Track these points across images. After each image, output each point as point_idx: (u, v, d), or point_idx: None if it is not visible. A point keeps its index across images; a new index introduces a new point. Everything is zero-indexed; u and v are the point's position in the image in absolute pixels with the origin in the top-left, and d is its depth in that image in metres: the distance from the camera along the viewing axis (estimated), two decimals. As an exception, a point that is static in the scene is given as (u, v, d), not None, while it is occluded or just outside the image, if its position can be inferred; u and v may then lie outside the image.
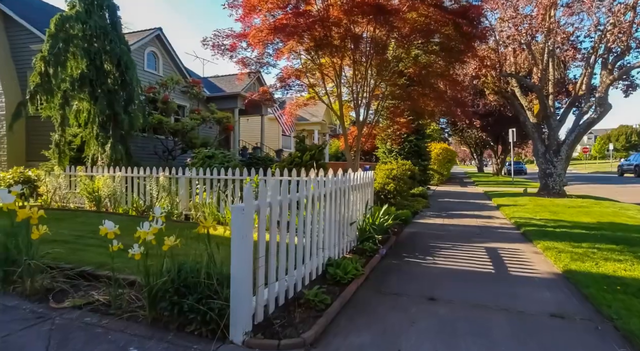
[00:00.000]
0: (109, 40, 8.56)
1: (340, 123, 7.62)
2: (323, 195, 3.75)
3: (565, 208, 9.29)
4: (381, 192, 8.78)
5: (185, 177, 7.11)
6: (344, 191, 4.45)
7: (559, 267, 4.12)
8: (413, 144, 13.86)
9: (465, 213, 8.81)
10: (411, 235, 6.14)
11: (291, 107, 8.30)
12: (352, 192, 4.77)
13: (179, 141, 12.49)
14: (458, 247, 5.23)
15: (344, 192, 4.46)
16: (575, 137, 11.65)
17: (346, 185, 4.50)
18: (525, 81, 13.01)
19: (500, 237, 6.06)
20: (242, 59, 7.26)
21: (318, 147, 6.94)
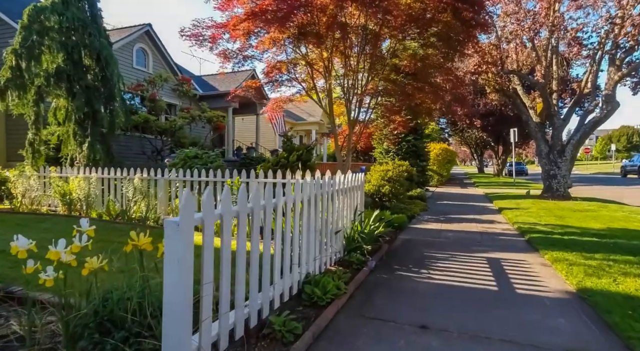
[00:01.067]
0: (88, 34, 8.07)
1: (330, 121, 7.11)
2: (300, 201, 3.25)
3: (571, 212, 8.78)
4: (376, 194, 8.28)
5: (164, 178, 6.61)
6: (328, 196, 3.95)
7: (572, 284, 3.61)
8: (411, 144, 13.34)
9: (465, 217, 8.30)
10: (406, 243, 5.63)
11: (275, 103, 7.73)
12: (338, 197, 4.27)
13: (168, 141, 12.00)
14: (457, 258, 4.72)
15: (328, 197, 3.95)
16: (580, 136, 11.13)
17: (330, 189, 3.99)
18: (528, 78, 12.49)
19: (503, 245, 5.54)
20: (224, 51, 6.74)
21: (306, 147, 6.43)
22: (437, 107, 7.72)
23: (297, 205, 3.17)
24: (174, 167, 7.15)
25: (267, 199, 2.71)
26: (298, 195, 3.18)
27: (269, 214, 2.71)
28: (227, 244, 2.21)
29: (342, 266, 4.21)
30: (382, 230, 4.88)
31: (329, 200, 3.98)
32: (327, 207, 3.94)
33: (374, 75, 6.81)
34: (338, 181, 4.32)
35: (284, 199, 2.95)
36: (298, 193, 3.18)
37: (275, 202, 2.85)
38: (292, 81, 7.18)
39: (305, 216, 3.34)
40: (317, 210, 3.63)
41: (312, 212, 3.49)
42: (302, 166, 6.45)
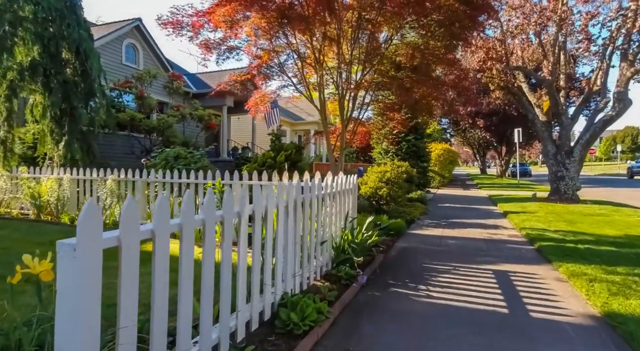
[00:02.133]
0: (66, 25, 7.58)
1: (321, 118, 6.60)
2: (275, 209, 2.74)
3: (581, 216, 8.22)
4: (373, 197, 7.77)
5: (143, 180, 6.11)
6: (314, 201, 3.43)
7: (596, 306, 3.08)
8: (411, 144, 12.80)
9: (468, 222, 7.76)
10: (403, 252, 5.10)
11: (259, 97, 7.14)
12: (325, 203, 3.75)
13: (158, 140, 11.50)
14: (460, 270, 4.19)
15: (314, 203, 3.44)
16: (590, 136, 10.57)
17: (315, 193, 3.47)
18: (534, 75, 11.93)
19: (511, 254, 5.01)
20: (206, 41, 6.21)
21: (295, 147, 5.93)
22: (439, 103, 7.15)
23: (270, 214, 2.65)
24: (155, 167, 6.66)
25: (226, 209, 2.18)
26: (271, 202, 2.66)
27: (228, 227, 2.19)
28: (164, 267, 1.69)
29: (329, 281, 3.69)
30: (375, 239, 4.35)
31: (314, 207, 3.46)
32: (312, 215, 3.43)
33: (370, 68, 6.25)
34: (325, 184, 3.80)
35: (250, 208, 2.43)
36: (271, 200, 2.66)
37: (239, 210, 2.33)
38: (281, 75, 6.64)
39: (282, 226, 2.82)
40: (298, 218, 3.11)
41: (290, 221, 2.97)
42: (292, 167, 5.95)
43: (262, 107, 7.36)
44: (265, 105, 7.32)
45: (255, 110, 7.42)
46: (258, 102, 7.05)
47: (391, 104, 7.70)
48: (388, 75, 6.15)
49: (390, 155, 12.95)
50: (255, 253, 2.49)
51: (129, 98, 11.62)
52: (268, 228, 2.64)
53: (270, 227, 2.67)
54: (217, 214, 2.11)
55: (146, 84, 11.16)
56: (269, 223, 2.64)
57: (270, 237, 2.65)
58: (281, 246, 2.82)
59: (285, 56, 6.62)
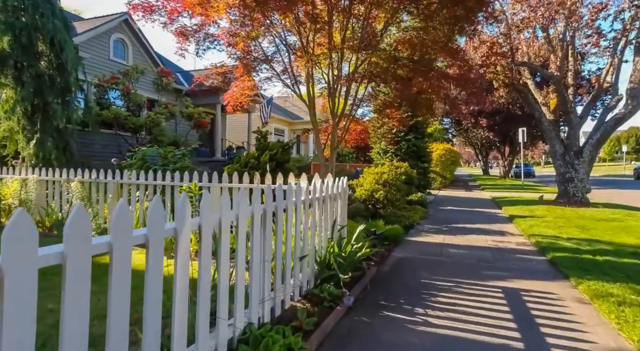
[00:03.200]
0: (40, 14, 7.06)
1: (310, 114, 6.04)
2: (234, 221, 2.20)
3: (594, 221, 7.65)
4: (369, 201, 7.21)
5: (115, 181, 5.58)
6: (289, 210, 2.89)
7: (632, 340, 2.52)
8: (411, 144, 12.23)
9: (471, 227, 7.21)
10: (399, 264, 4.54)
11: (238, 91, 6.48)
12: (305, 211, 3.20)
13: (146, 138, 10.98)
14: (463, 287, 3.63)
15: (288, 213, 2.89)
16: (600, 135, 9.98)
17: (290, 201, 2.92)
18: (541, 71, 11.35)
19: (520, 267, 4.44)
20: (181, 28, 5.65)
21: (281, 146, 5.38)
22: (440, 98, 6.57)
23: (224, 228, 2.11)
24: (131, 167, 6.13)
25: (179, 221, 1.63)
26: (227, 214, 2.11)
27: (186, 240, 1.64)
28: (122, 287, 1.17)
29: (310, 302, 3.15)
30: (366, 252, 3.79)
31: (292, 216, 2.92)
32: (289, 225, 2.89)
33: (366, 57, 5.61)
34: (307, 189, 3.25)
35: (193, 222, 1.88)
36: (226, 211, 2.11)
37: (184, 220, 1.78)
38: (263, 65, 6.06)
39: (242, 242, 2.27)
40: (268, 232, 2.57)
41: (257, 235, 2.42)
42: (278, 168, 5.41)
43: (229, 108, 6.73)
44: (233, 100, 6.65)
45: (234, 106, 6.81)
46: (237, 96, 6.42)
47: (388, 101, 7.12)
48: (383, 67, 5.55)
49: (389, 155, 12.38)
50: (203, 277, 1.94)
51: (115, 95, 11.11)
52: (222, 246, 2.09)
53: (226, 244, 2.12)
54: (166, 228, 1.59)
55: (133, 80, 10.64)
56: (223, 240, 2.09)
57: (224, 257, 2.10)
58: (242, 266, 2.27)
59: (267, 44, 6.06)
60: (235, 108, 6.86)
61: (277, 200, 2.72)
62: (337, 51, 5.25)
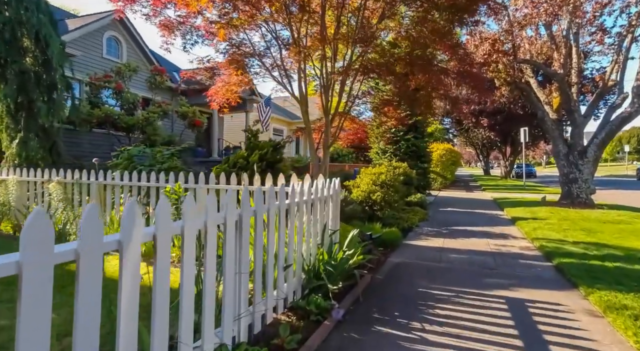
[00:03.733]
0: (24, 8, 6.81)
1: (302, 111, 5.74)
2: (201, 229, 1.93)
3: (599, 224, 7.36)
4: (365, 202, 6.94)
5: (97, 182, 5.31)
6: (272, 215, 2.62)
7: (654, 363, 2.24)
8: (410, 143, 11.94)
9: (472, 230, 6.93)
10: (396, 271, 4.27)
11: (223, 87, 6.08)
12: (290, 215, 2.93)
13: (140, 137, 10.71)
14: (464, 298, 3.36)
15: (270, 217, 2.62)
16: (605, 135, 9.69)
17: (273, 205, 2.65)
18: (545, 68, 11.05)
19: (525, 274, 4.16)
20: (165, 21, 5.35)
21: (272, 145, 5.11)
22: (439, 95, 6.27)
23: (188, 237, 1.83)
24: (117, 167, 5.87)
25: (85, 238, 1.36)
26: (192, 222, 1.84)
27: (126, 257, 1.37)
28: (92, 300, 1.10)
29: (296, 315, 2.88)
30: (359, 259, 3.51)
31: (274, 221, 2.64)
32: (271, 232, 2.61)
33: (362, 51, 5.29)
34: (292, 192, 2.98)
35: (146, 233, 1.60)
36: (191, 219, 1.84)
37: (119, 238, 1.51)
38: (251, 57, 5.74)
39: (211, 254, 2.00)
40: (245, 239, 2.30)
41: (231, 244, 2.15)
42: (268, 168, 5.14)
43: (235, 102, 6.39)
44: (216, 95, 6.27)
45: (220, 104, 6.46)
46: (223, 92, 6.08)
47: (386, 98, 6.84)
48: (379, 61, 5.22)
49: (388, 155, 12.09)
50: (158, 296, 1.66)
51: (108, 94, 10.85)
52: (185, 257, 1.81)
53: (190, 255, 1.85)
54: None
55: (125, 78, 10.38)
56: (186, 250, 1.82)
57: (188, 269, 1.82)
58: (211, 280, 2.00)
59: (256, 37, 5.72)
60: (222, 105, 6.53)
61: (256, 205, 2.45)
62: (329, 43, 4.95)
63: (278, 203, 2.74)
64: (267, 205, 2.59)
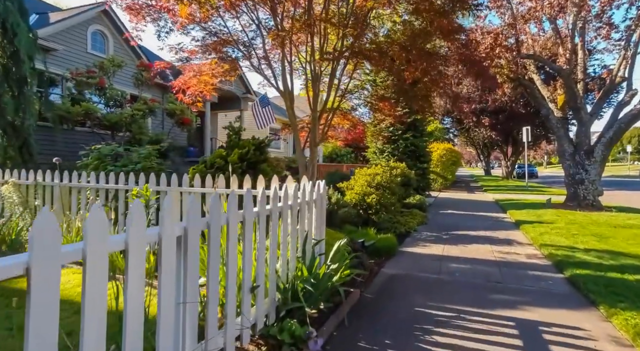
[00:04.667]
0: (-10, -3, 6.32)
1: (286, 105, 5.23)
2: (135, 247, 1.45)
3: (610, 228, 6.88)
4: (360, 205, 6.46)
5: (61, 184, 4.83)
6: (232, 226, 2.13)
7: None
8: (409, 143, 11.46)
9: (474, 235, 6.45)
10: (389, 284, 3.78)
11: (190, 78, 5.31)
12: (260, 226, 2.45)
13: (126, 136, 10.21)
14: (467, 320, 2.88)
15: (230, 229, 2.14)
16: (613, 133, 9.21)
17: (233, 214, 2.16)
18: (549, 64, 10.57)
19: (535, 290, 3.68)
20: (131, 3, 4.79)
21: (255, 143, 4.63)
22: (439, 87, 5.78)
23: (91, 263, 1.35)
24: (86, 168, 5.39)
25: None
26: (97, 244, 1.35)
27: None
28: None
29: (267, 344, 2.40)
30: (345, 275, 3.03)
31: (234, 234, 2.16)
32: (231, 246, 2.13)
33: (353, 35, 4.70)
34: (262, 197, 2.49)
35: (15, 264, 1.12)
36: (96, 239, 1.35)
37: None
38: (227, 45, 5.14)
39: (135, 283, 1.51)
40: (192, 260, 1.81)
41: (169, 267, 1.67)
42: (250, 169, 4.66)
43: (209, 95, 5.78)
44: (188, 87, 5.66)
45: (191, 96, 5.86)
46: (194, 83, 5.42)
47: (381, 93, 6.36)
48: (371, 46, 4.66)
49: (385, 155, 11.61)
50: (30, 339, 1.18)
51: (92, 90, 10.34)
52: (86, 284, 1.33)
53: (96, 284, 1.36)
54: None
55: (109, 73, 9.89)
56: (88, 282, 1.33)
57: (90, 307, 1.34)
58: (134, 314, 1.51)
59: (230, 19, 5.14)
60: (194, 99, 5.96)
61: (210, 214, 1.96)
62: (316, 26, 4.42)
63: (243, 212, 2.26)
64: (227, 215, 2.11)
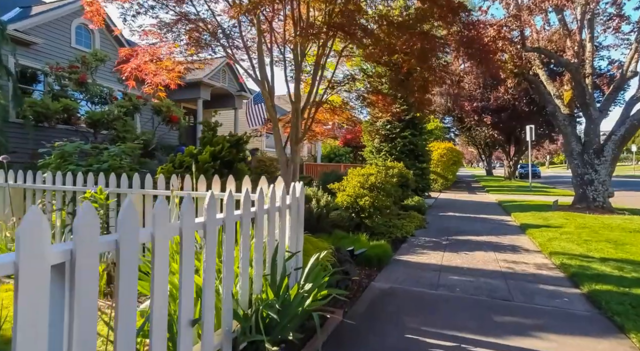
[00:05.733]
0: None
1: (263, 94, 4.66)
2: None
3: (626, 233, 6.34)
4: (352, 208, 5.94)
5: (13, 185, 4.33)
6: (162, 242, 1.62)
7: None
8: (407, 141, 10.91)
9: (476, 241, 5.93)
10: (378, 303, 3.26)
11: (147, 61, 4.50)
12: (207, 239, 1.94)
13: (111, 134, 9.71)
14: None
15: (164, 243, 1.62)
16: (625, 131, 8.67)
17: (160, 228, 1.64)
18: (557, 57, 10.01)
19: (550, 309, 3.15)
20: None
21: (231, 140, 4.13)
22: (436, 76, 5.22)
23: None
24: (47, 168, 4.88)
25: None
26: None
27: None
28: None
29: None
30: (321, 296, 2.50)
31: (163, 252, 1.64)
32: (161, 267, 1.62)
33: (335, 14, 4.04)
34: (210, 202, 1.97)
35: None
36: None
37: None
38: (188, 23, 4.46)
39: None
40: (83, 290, 1.30)
41: (38, 304, 1.15)
42: (225, 168, 4.15)
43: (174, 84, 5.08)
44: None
45: (151, 85, 5.19)
46: (152, 69, 4.65)
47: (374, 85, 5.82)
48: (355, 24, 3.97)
49: (383, 154, 11.08)
50: None
51: (75, 86, 9.85)
52: None
53: None
54: None
55: (92, 68, 9.40)
56: None
57: None
58: None
59: None
60: (155, 88, 5.30)
61: (119, 228, 1.45)
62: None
63: (180, 224, 1.75)
64: (153, 229, 1.59)
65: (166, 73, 4.88)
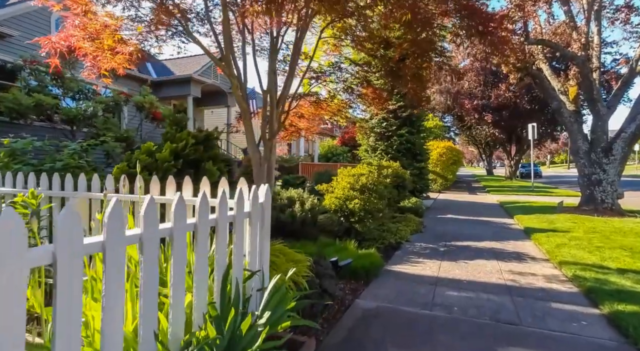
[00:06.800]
0: None
1: (232, 85, 4.12)
2: None
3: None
4: (341, 212, 5.43)
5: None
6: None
7: None
8: (404, 140, 10.38)
9: (477, 247, 5.41)
10: (361, 326, 2.74)
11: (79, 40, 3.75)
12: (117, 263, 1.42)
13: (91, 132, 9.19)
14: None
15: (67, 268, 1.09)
16: (636, 127, 8.14)
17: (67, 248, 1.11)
18: (562, 50, 9.48)
19: (568, 337, 2.63)
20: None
21: (198, 137, 3.61)
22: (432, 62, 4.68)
23: None
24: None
25: None
26: None
27: None
28: None
29: None
30: (283, 329, 1.97)
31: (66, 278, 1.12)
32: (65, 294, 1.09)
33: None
34: (149, 212, 1.44)
35: None
36: None
37: None
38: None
39: None
40: None
41: None
42: (190, 169, 3.63)
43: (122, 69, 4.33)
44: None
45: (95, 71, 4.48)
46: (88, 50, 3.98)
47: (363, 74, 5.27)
48: None
49: (378, 153, 10.56)
50: None
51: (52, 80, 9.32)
52: None
53: None
54: None
55: (72, 61, 8.86)
56: None
57: None
58: None
59: None
60: (97, 74, 4.59)
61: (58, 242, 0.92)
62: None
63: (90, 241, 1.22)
64: (55, 248, 1.06)
65: (110, 55, 4.28)
